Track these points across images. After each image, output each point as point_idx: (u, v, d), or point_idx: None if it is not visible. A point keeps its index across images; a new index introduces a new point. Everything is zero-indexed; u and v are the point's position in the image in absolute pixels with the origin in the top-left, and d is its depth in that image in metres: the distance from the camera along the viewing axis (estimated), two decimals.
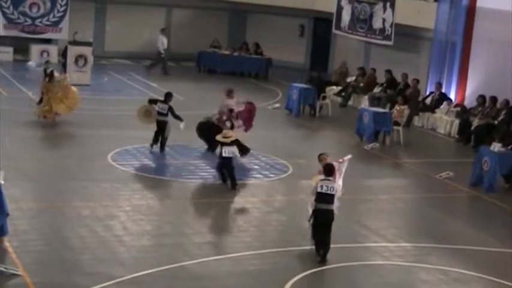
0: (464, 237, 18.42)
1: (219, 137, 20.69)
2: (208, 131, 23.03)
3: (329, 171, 16.03)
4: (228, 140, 20.35)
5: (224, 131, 20.73)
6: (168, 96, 23.48)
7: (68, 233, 16.68)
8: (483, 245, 17.81)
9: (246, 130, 23.61)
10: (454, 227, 19.42)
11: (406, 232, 18.25)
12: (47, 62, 28.25)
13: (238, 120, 23.22)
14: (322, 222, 15.93)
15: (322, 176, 16.10)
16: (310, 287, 15.08)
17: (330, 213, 15.90)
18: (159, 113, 23.10)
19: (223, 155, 20.19)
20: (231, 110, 23.38)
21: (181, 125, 23.17)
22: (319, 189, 15.80)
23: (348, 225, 17.96)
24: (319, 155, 17.10)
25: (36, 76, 28.65)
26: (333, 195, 15.85)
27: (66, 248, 15.79)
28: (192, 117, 24.34)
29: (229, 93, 24.50)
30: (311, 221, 16.01)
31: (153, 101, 23.66)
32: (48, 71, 26.30)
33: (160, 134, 23.11)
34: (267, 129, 26.65)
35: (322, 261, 15.94)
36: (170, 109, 23.16)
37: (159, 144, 23.13)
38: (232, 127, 21.60)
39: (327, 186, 15.78)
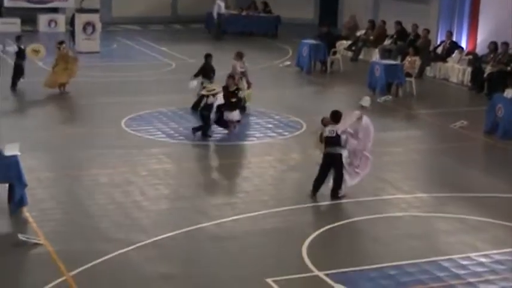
0: (480, 185, 18.49)
1: (203, 91, 21.67)
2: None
3: (333, 117, 16.85)
4: (210, 93, 21.14)
5: (207, 86, 21.52)
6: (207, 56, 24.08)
7: (86, 200, 16.81)
8: (499, 191, 17.88)
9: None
10: (469, 175, 19.48)
11: (422, 183, 18.33)
12: (19, 37, 27.83)
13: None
14: (327, 164, 16.83)
15: (329, 122, 16.88)
16: (329, 241, 15.16)
17: (335, 157, 16.72)
18: None
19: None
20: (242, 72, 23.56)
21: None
22: (324, 134, 16.80)
23: (366, 179, 18.03)
24: (322, 120, 17.27)
25: (46, 46, 28.60)
26: (335, 137, 16.64)
27: (85, 216, 15.93)
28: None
29: (237, 56, 24.55)
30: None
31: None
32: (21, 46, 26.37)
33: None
34: (279, 87, 26.70)
35: (333, 196, 16.86)
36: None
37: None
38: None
39: (329, 131, 16.71)
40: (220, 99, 21.34)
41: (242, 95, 22.48)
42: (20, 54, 25.96)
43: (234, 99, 21.80)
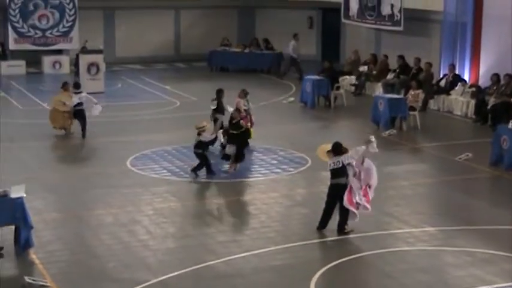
0: (488, 217, 18.42)
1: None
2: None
3: (335, 149, 16.95)
4: (200, 130, 21.01)
5: (196, 123, 21.35)
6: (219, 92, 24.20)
7: (93, 241, 16.75)
8: (507, 224, 17.80)
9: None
10: (477, 207, 19.42)
11: (429, 216, 18.22)
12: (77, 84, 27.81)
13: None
14: (334, 195, 16.85)
15: (331, 155, 16.98)
16: (337, 277, 15.09)
17: (341, 186, 16.74)
18: None
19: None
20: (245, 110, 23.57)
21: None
22: (329, 167, 16.91)
23: (371, 213, 17.92)
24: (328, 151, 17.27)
25: (51, 88, 28.73)
26: (341, 168, 16.73)
27: (91, 256, 15.87)
28: (205, 117, 24.40)
29: (242, 93, 24.64)
30: None
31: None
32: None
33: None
34: (284, 123, 26.69)
35: (340, 231, 16.80)
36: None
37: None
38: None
39: (334, 163, 16.78)
40: (214, 135, 21.50)
41: (242, 129, 22.38)
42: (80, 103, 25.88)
43: (234, 132, 21.82)
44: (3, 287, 14.58)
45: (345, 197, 16.72)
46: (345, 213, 16.88)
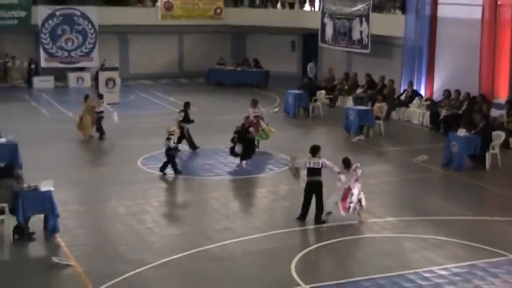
0: (440, 209, 18.44)
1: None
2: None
3: (313, 151, 16.95)
4: (169, 134, 20.96)
5: (167, 127, 21.38)
6: (186, 105, 23.89)
7: (108, 228, 16.75)
8: (456, 215, 17.84)
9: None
10: (430, 201, 19.43)
11: (391, 209, 18.23)
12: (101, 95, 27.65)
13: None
14: (310, 190, 16.88)
15: (309, 155, 16.97)
16: (314, 259, 15.10)
17: (316, 184, 16.83)
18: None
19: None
20: (253, 118, 23.65)
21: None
22: (307, 165, 16.86)
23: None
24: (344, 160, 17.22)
25: (75, 99, 28.64)
26: (319, 169, 16.74)
27: (107, 241, 15.88)
28: (206, 124, 24.47)
29: (253, 103, 24.73)
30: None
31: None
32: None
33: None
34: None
35: (317, 221, 16.78)
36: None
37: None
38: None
39: (313, 162, 16.77)
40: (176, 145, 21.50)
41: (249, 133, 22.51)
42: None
43: (243, 133, 22.10)
44: (35, 265, 14.64)
45: (340, 205, 16.68)
46: (320, 206, 16.88)
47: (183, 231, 16.58)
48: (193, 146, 23.69)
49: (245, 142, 21.95)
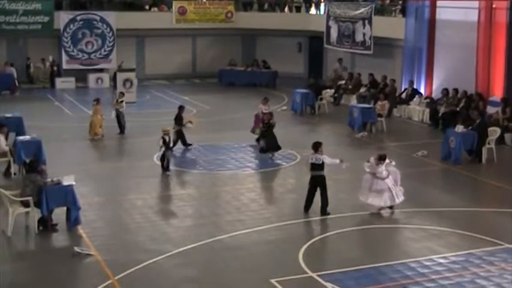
0: (439, 201, 18.42)
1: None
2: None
3: (315, 147, 16.90)
4: (164, 133, 20.62)
5: (162, 126, 21.10)
6: (180, 108, 23.67)
7: (127, 220, 16.77)
8: (454, 206, 17.82)
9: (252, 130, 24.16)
10: (430, 193, 19.41)
11: None
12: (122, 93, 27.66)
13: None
14: (313, 184, 16.86)
15: (312, 152, 16.94)
16: (320, 249, 15.10)
17: (320, 177, 16.79)
18: None
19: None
20: (264, 113, 23.76)
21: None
22: (310, 161, 16.83)
23: (349, 198, 17.98)
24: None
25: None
26: (320, 164, 16.69)
27: (126, 232, 15.91)
28: (217, 122, 24.47)
29: (264, 100, 25.03)
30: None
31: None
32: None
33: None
34: (278, 127, 26.56)
35: (322, 213, 16.78)
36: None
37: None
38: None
39: (315, 158, 16.72)
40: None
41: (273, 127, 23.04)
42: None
43: (264, 129, 22.81)
44: (58, 254, 14.69)
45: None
46: (325, 199, 16.88)
47: (197, 222, 16.59)
48: (186, 143, 23.55)
49: (264, 136, 22.64)
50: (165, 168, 20.60)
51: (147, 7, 41.02)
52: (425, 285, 12.93)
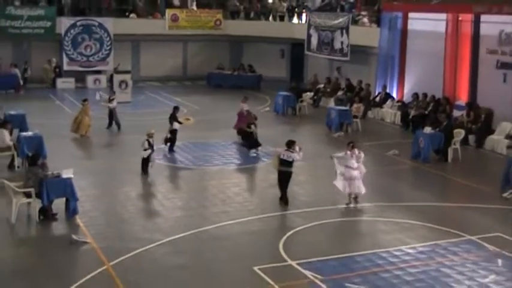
0: (409, 196, 18.50)
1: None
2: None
3: (288, 144, 17.01)
4: (148, 136, 20.05)
5: (147, 129, 20.46)
6: (175, 108, 23.47)
7: (121, 210, 16.73)
8: (423, 201, 17.89)
9: (234, 127, 24.21)
10: (401, 189, 19.49)
11: (367, 196, 18.14)
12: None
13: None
14: (281, 178, 17.01)
15: (284, 148, 17.02)
16: (300, 239, 15.07)
17: (287, 173, 16.94)
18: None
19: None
20: (248, 113, 23.83)
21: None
22: (281, 157, 16.90)
23: (326, 192, 18.00)
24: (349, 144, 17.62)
25: (92, 98, 28.54)
26: (290, 162, 16.83)
27: (120, 221, 15.88)
28: (206, 121, 24.41)
29: (244, 99, 25.09)
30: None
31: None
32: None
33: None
34: (261, 126, 26.56)
35: (285, 202, 16.98)
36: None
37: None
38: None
39: (286, 155, 16.84)
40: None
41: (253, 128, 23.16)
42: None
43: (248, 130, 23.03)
44: (57, 241, 14.68)
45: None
46: (285, 192, 17.09)
47: (186, 213, 16.56)
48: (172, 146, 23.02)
49: (244, 136, 22.81)
50: (145, 170, 19.86)
51: (132, 15, 40.52)
52: (395, 273, 12.98)
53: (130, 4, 41.05)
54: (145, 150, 19.87)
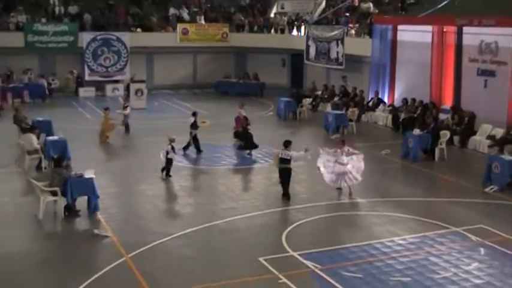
0: (400, 192, 18.48)
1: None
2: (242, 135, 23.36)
3: (285, 144, 17.16)
4: (170, 141, 19.58)
5: (169, 135, 19.97)
6: (194, 114, 23.31)
7: (139, 207, 16.76)
8: (413, 196, 17.90)
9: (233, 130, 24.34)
10: (392, 186, 19.48)
11: (361, 192, 18.22)
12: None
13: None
14: (282, 175, 17.12)
15: (282, 148, 17.19)
16: (301, 232, 15.08)
17: (287, 170, 16.99)
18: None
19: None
20: (245, 117, 23.82)
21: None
22: (280, 155, 17.09)
23: (324, 190, 18.00)
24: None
25: (111, 105, 28.57)
26: (288, 159, 16.91)
27: (138, 217, 15.90)
28: (214, 125, 24.41)
29: (240, 105, 24.99)
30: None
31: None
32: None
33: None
34: (265, 129, 26.68)
35: (287, 198, 17.05)
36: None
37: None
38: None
39: (284, 154, 16.96)
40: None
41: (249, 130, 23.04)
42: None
43: (243, 132, 22.88)
44: (80, 235, 14.69)
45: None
46: (288, 187, 17.16)
47: (197, 209, 16.58)
48: (198, 149, 22.86)
49: (243, 138, 22.73)
50: (168, 173, 19.57)
51: (138, 29, 40.34)
52: (387, 262, 13.00)
53: (144, 20, 41.08)
54: (167, 154, 19.40)
